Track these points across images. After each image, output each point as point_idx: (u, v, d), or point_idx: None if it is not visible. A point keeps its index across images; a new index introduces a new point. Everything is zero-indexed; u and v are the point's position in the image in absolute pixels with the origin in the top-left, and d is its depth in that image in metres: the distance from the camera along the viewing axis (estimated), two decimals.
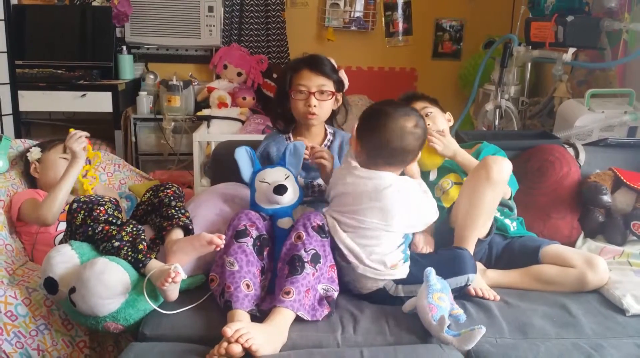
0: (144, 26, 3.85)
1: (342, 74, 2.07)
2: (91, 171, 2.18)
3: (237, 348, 1.38)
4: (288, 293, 1.56)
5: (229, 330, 1.40)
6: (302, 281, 1.58)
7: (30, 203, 2.05)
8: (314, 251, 1.62)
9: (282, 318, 1.53)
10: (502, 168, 1.76)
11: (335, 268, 1.68)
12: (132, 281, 1.57)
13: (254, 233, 1.68)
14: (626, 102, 2.58)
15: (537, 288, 1.80)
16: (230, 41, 3.95)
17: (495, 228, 1.97)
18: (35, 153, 2.26)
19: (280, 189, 1.74)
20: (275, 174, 1.79)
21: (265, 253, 1.70)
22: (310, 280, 1.59)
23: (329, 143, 2.10)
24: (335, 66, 2.07)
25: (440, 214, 1.80)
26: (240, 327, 1.42)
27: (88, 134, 2.10)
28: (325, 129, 2.12)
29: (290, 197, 1.77)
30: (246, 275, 1.60)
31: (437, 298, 1.53)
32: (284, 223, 1.76)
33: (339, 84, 2.04)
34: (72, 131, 2.08)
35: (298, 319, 1.56)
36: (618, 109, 2.53)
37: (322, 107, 2.00)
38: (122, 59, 3.74)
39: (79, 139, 2.05)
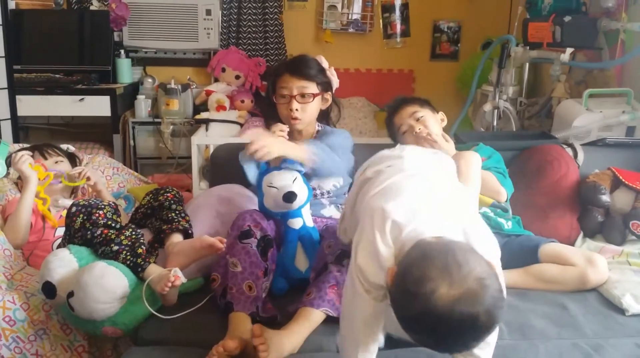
0: (141, 30, 3.84)
1: (331, 73, 2.05)
2: (42, 192, 2.10)
3: (232, 345, 1.39)
4: (309, 293, 1.58)
5: (259, 330, 1.41)
6: (322, 279, 1.59)
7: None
8: (339, 252, 1.63)
9: (305, 321, 1.52)
10: (469, 162, 1.75)
11: None
12: (131, 286, 1.57)
13: (259, 234, 1.68)
14: (624, 102, 2.57)
15: (537, 287, 1.80)
16: (228, 44, 3.95)
17: (490, 227, 1.98)
18: (13, 174, 2.24)
19: (290, 197, 1.69)
20: (283, 178, 1.73)
21: (269, 254, 1.69)
22: (334, 275, 1.59)
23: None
24: (326, 64, 2.05)
25: None
26: (268, 337, 1.42)
27: (30, 153, 2.11)
28: (315, 127, 2.10)
29: (300, 201, 1.73)
30: (249, 277, 1.60)
31: None
32: (295, 223, 1.75)
33: (324, 85, 2.02)
34: (14, 155, 2.09)
35: None
36: (616, 109, 2.53)
37: (305, 111, 1.98)
38: (120, 63, 3.73)
39: (21, 159, 2.06)
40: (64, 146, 2.40)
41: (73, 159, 2.36)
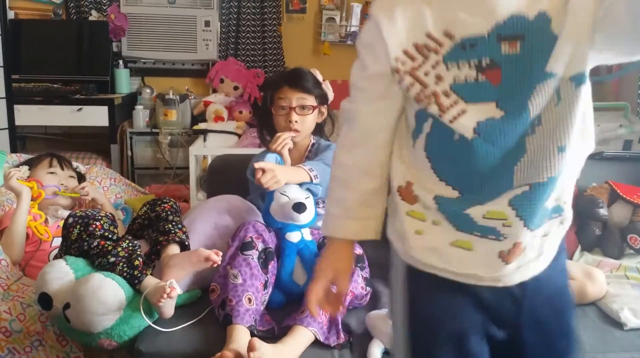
0: (140, 40, 3.85)
1: (327, 87, 2.05)
2: (35, 208, 2.11)
3: (230, 355, 1.39)
4: (302, 311, 1.56)
5: (255, 344, 1.40)
6: None
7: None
8: None
9: (297, 338, 1.52)
10: None
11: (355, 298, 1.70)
12: (127, 298, 1.56)
13: (260, 246, 1.68)
14: (621, 116, 2.59)
15: None
16: (227, 55, 3.96)
17: None
18: (23, 172, 2.25)
19: (299, 207, 1.70)
20: (297, 191, 1.75)
21: (269, 266, 1.68)
22: None
23: (308, 153, 2.06)
24: (320, 78, 2.06)
25: None
26: (264, 352, 1.41)
27: (19, 170, 2.12)
28: (311, 141, 2.09)
29: (306, 217, 1.74)
30: (249, 289, 1.59)
31: None
32: (293, 236, 1.75)
33: (321, 98, 2.02)
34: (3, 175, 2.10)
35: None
36: (613, 123, 2.54)
37: (304, 123, 1.97)
38: (119, 73, 3.74)
39: (8, 176, 2.07)
40: (74, 165, 2.42)
41: (81, 179, 2.37)
